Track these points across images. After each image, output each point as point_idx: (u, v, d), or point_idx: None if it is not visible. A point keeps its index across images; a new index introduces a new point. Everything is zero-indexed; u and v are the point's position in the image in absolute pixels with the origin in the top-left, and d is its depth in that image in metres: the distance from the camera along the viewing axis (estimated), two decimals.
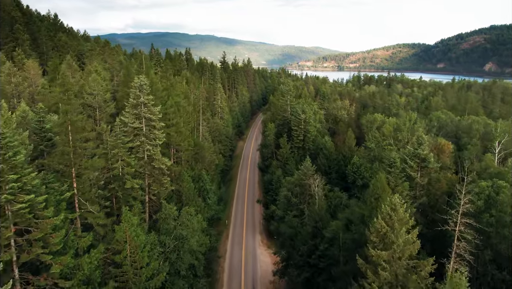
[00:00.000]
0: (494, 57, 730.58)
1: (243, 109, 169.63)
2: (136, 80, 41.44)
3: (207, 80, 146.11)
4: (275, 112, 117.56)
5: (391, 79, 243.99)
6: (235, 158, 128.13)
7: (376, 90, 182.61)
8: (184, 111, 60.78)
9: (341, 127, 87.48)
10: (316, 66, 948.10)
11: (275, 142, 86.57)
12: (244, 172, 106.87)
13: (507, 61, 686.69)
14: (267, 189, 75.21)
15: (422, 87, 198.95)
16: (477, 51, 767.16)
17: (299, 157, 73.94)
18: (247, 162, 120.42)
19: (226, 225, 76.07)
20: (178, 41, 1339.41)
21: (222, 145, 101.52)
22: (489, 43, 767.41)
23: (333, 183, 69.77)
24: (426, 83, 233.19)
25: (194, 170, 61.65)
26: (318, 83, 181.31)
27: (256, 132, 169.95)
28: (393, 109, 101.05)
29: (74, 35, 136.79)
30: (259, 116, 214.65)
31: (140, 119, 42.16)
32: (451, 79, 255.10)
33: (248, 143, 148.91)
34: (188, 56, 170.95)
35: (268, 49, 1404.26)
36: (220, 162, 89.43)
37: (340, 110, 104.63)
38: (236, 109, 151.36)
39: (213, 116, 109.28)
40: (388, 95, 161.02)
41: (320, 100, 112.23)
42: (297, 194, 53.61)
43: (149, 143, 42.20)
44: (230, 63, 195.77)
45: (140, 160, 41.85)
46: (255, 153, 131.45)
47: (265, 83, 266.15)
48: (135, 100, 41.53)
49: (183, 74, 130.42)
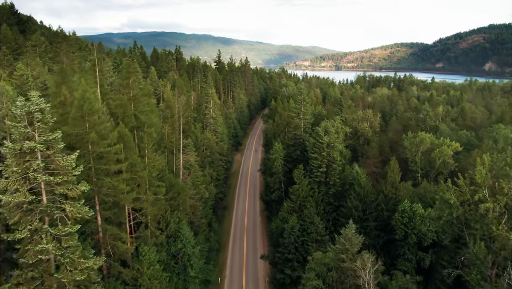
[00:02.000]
0: (494, 56, 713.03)
1: (240, 116, 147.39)
2: (20, 103, 19.24)
3: (198, 84, 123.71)
4: (280, 124, 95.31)
5: (400, 80, 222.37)
6: (231, 176, 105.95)
7: (389, 94, 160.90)
8: (151, 138, 38.58)
9: (371, 148, 65.30)
10: (314, 66, 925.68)
11: (284, 170, 64.42)
12: (242, 202, 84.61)
13: (507, 60, 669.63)
14: (276, 241, 53.09)
15: (439, 89, 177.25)
16: (476, 51, 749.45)
17: (321, 196, 51.84)
18: (246, 184, 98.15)
19: (218, 283, 54.31)
20: (175, 40, 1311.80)
21: (214, 167, 79.40)
22: (488, 42, 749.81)
23: (371, 236, 47.84)
24: (438, 84, 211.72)
25: (166, 232, 39.64)
26: (324, 86, 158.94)
27: (256, 141, 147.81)
28: (430, 121, 79.33)
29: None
30: (258, 121, 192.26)
31: (32, 183, 19.99)
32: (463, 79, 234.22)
33: (247, 155, 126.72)
34: (178, 55, 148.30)
35: (265, 48, 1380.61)
36: (211, 193, 67.42)
37: (362, 122, 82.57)
38: (233, 117, 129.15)
39: (204, 129, 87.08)
40: (406, 100, 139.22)
41: (336, 108, 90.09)
42: (333, 283, 31.59)
43: (53, 235, 20.00)
44: (226, 63, 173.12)
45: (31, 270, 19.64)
46: (255, 170, 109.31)
47: (264, 84, 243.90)
48: (19, 146, 19.35)
49: (169, 76, 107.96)
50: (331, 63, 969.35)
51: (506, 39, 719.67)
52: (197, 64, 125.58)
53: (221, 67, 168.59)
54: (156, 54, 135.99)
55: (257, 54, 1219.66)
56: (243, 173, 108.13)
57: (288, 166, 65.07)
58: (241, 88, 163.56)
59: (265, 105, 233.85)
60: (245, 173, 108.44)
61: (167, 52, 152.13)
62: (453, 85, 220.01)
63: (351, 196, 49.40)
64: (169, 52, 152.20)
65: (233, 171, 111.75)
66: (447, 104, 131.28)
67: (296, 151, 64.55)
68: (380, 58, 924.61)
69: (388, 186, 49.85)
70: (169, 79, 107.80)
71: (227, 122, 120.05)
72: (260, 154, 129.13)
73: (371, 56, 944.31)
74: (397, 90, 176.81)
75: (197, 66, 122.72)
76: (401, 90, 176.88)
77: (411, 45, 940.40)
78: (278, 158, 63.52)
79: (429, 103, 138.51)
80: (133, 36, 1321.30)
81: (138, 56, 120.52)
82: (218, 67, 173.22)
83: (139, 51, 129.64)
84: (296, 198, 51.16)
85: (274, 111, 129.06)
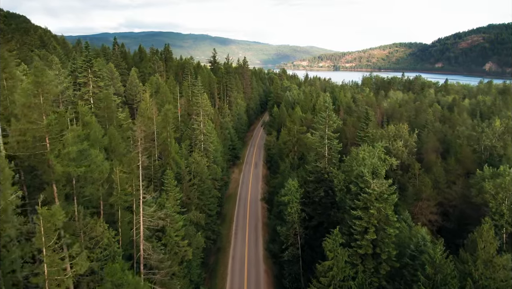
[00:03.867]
0: (494, 56, 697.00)
1: (238, 123, 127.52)
2: None
3: (189, 88, 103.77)
4: (288, 141, 75.45)
5: (410, 82, 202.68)
6: (227, 201, 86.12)
7: (406, 98, 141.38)
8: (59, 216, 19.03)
9: (425, 186, 45.49)
10: (312, 66, 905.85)
11: (301, 216, 44.39)
12: (240, 245, 64.66)
13: (508, 60, 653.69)
14: None
15: (459, 92, 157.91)
16: (476, 51, 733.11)
17: (367, 277, 32.01)
18: (245, 214, 78.31)
19: None
20: (172, 40, 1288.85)
21: (204, 200, 59.63)
22: (488, 42, 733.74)
23: None
24: (453, 86, 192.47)
25: None
26: (334, 90, 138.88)
27: (256, 153, 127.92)
28: (486, 141, 59.85)
29: None
30: (258, 127, 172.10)
31: None
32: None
33: (246, 171, 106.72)
34: (167, 55, 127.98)
35: (262, 48, 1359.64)
36: (199, 245, 47.70)
37: (397, 141, 62.90)
38: (229, 126, 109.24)
39: (192, 150, 67.19)
40: (429, 106, 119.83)
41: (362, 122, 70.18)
42: None
43: None
44: (222, 63, 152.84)
45: None
46: (255, 192, 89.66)
47: (263, 86, 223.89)
48: None
49: (151, 80, 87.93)
50: (329, 63, 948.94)
51: (505, 39, 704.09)
52: (188, 64, 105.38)
53: (217, 68, 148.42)
54: (141, 53, 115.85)
55: (254, 54, 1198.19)
56: (241, 197, 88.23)
57: (307, 210, 45.22)
58: (239, 91, 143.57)
59: (264, 109, 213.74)
60: (244, 196, 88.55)
61: (155, 51, 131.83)
62: (469, 87, 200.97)
63: (419, 282, 29.73)
64: (156, 51, 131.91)
65: (229, 193, 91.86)
66: (473, 111, 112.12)
67: (319, 191, 44.71)
68: (379, 58, 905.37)
69: (480, 266, 30.22)
70: (151, 83, 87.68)
71: (223, 133, 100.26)
72: (261, 170, 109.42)
73: (370, 56, 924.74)
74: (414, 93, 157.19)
75: (187, 67, 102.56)
76: (414, 93, 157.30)
77: (410, 45, 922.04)
78: (293, 201, 43.60)
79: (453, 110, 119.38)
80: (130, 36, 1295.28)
81: (118, 56, 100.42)
82: (213, 68, 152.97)
83: (119, 50, 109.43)
84: (328, 281, 31.37)
85: (277, 120, 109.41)
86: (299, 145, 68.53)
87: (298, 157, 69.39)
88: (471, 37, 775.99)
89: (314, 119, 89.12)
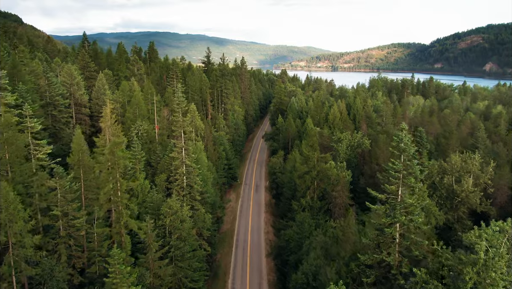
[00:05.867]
0: (494, 57, 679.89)
1: (235, 134, 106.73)
2: None
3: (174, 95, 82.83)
4: (306, 178, 54.27)
5: (423, 84, 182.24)
6: (221, 242, 65.33)
7: (429, 105, 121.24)
8: None
9: None
10: (310, 67, 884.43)
11: None
12: None
13: (508, 61, 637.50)
14: None
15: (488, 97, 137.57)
16: (476, 51, 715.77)
17: None
18: (244, 267, 57.56)
19: None
20: (168, 40, 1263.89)
21: (186, 272, 39.16)
22: (487, 42, 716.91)
23: None
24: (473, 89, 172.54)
25: None
26: (348, 96, 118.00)
27: (256, 169, 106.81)
28: None
29: None
30: (257, 136, 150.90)
31: None
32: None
33: (245, 196, 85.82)
34: (152, 54, 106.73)
35: (259, 48, 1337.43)
36: None
37: (464, 176, 42.54)
38: (225, 141, 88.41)
39: (170, 187, 46.59)
40: (459, 114, 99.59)
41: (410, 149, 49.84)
42: None
43: None
44: (217, 63, 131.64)
45: None
46: (258, 232, 69.04)
47: (262, 89, 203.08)
48: None
49: (123, 87, 67.03)
50: (327, 63, 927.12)
51: (505, 39, 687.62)
52: (173, 66, 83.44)
53: (210, 69, 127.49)
54: (120, 52, 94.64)
55: (251, 55, 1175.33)
56: (239, 238, 67.28)
57: None
58: (236, 97, 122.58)
59: (264, 114, 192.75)
60: (243, 236, 67.69)
61: (138, 50, 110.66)
62: (487, 90, 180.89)
63: None
64: (140, 50, 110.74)
65: (224, 230, 71.00)
66: None
67: None
68: (377, 59, 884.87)
69: None
70: (124, 90, 66.62)
71: (216, 152, 79.59)
72: (263, 194, 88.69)
73: (368, 56, 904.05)
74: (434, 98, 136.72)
75: (172, 70, 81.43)
76: (437, 99, 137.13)
77: (408, 45, 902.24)
78: None
79: (488, 119, 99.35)
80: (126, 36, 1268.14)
81: (85, 55, 79.25)
82: (207, 69, 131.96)
83: (90, 48, 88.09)
84: None
85: (283, 134, 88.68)
86: (320, 179, 48.09)
87: (319, 195, 48.95)
88: (470, 37, 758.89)
89: (333, 137, 68.54)
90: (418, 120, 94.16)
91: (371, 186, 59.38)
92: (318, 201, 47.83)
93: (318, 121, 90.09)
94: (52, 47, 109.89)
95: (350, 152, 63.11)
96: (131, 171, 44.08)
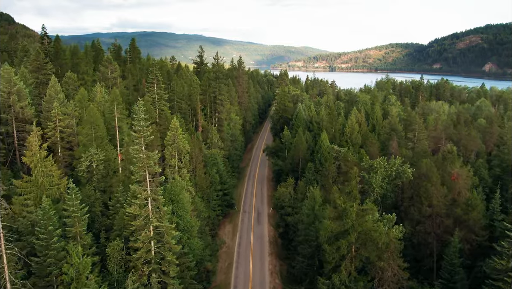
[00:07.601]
0: (493, 57, 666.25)
1: (231, 148, 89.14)
2: None
3: (156, 104, 65.12)
4: (339, 233, 36.94)
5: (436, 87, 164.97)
6: None
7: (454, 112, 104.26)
8: None
9: None
10: (307, 67, 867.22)
11: None
12: None
13: (507, 61, 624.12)
14: None
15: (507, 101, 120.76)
16: (474, 51, 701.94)
17: None
18: None
19: None
20: (165, 40, 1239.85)
21: None
22: (486, 42, 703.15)
23: None
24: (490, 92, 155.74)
25: None
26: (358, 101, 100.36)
27: (256, 190, 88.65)
28: None
29: None
30: (256, 146, 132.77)
31: None
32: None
33: (245, 230, 67.89)
34: (132, 54, 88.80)
35: (256, 48, 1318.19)
36: None
37: None
38: (219, 159, 70.83)
39: (127, 262, 29.36)
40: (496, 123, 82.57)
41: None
42: None
43: None
44: (211, 64, 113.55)
45: None
46: (262, 285, 51.52)
47: (261, 91, 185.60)
48: None
49: (79, 96, 49.20)
50: (324, 63, 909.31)
51: (504, 39, 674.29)
52: (153, 68, 64.92)
53: (203, 70, 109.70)
54: (87, 51, 76.50)
55: (248, 55, 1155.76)
56: None
57: None
58: (233, 103, 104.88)
59: (263, 119, 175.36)
60: None
61: (117, 48, 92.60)
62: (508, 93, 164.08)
63: None
64: (119, 48, 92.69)
65: (216, 285, 53.36)
66: None
67: None
68: (375, 59, 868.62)
69: None
70: (82, 101, 48.74)
71: (208, 175, 62.16)
72: (266, 226, 70.97)
73: (366, 56, 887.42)
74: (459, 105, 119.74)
75: (152, 72, 63.61)
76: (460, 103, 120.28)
77: (406, 45, 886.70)
78: None
79: None
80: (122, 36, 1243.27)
81: (40, 53, 61.38)
82: (199, 71, 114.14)
83: (51, 47, 69.85)
84: None
85: (292, 153, 70.98)
86: (361, 243, 30.30)
87: (357, 267, 31.56)
88: (469, 37, 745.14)
89: (363, 164, 50.85)
90: (451, 133, 76.84)
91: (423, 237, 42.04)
92: (357, 276, 30.64)
93: (333, 135, 72.66)
94: (15, 45, 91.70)
95: (386, 185, 45.88)
96: (61, 243, 26.50)
